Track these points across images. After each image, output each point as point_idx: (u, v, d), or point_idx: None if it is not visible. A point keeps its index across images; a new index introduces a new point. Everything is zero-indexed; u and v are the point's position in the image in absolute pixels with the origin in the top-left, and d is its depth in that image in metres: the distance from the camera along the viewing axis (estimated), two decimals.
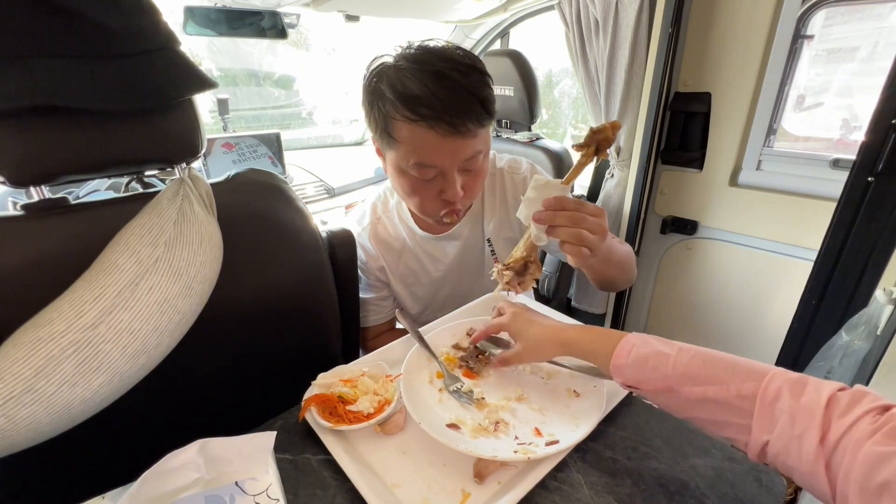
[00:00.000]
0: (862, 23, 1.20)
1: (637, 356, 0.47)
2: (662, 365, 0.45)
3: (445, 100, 0.63)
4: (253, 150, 1.55)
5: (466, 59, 0.67)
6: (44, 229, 0.51)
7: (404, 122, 0.66)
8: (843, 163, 1.11)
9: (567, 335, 0.56)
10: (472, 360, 0.64)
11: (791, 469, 0.37)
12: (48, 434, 0.45)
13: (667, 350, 0.46)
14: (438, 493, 0.47)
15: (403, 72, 0.65)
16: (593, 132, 0.54)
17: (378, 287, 0.91)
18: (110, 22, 0.48)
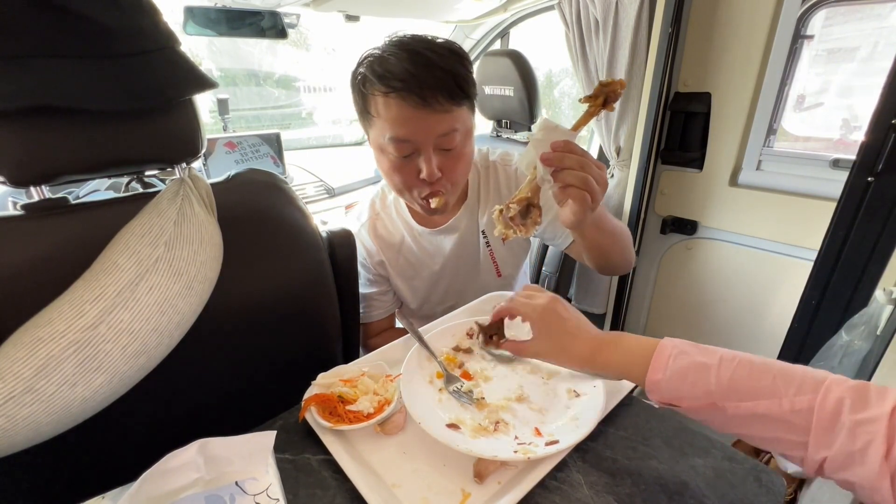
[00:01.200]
0: (862, 23, 1.20)
1: (675, 370, 0.42)
2: (703, 379, 0.40)
3: (417, 74, 0.66)
4: (255, 149, 1.55)
5: (445, 43, 0.70)
6: (44, 229, 0.51)
7: (379, 97, 0.69)
8: (843, 163, 1.11)
9: (599, 359, 0.51)
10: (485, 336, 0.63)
11: (852, 485, 0.35)
12: (48, 434, 0.45)
13: (706, 360, 0.41)
14: (438, 493, 0.47)
15: (384, 53, 0.70)
16: (602, 84, 0.55)
17: (378, 282, 0.92)
18: (110, 22, 0.48)
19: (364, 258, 0.90)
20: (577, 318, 0.55)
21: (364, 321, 0.92)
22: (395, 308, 0.96)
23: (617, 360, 0.49)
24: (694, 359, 0.42)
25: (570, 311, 0.55)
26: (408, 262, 0.91)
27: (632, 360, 0.47)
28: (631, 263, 0.84)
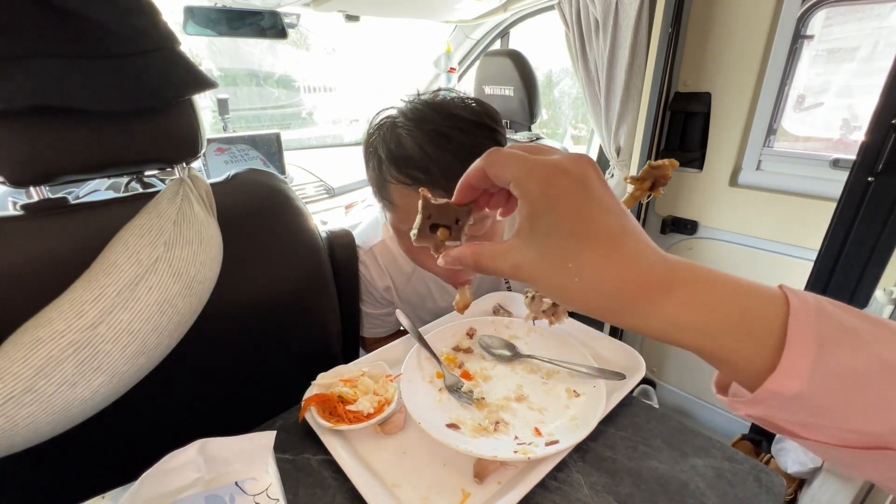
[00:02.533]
0: (862, 23, 1.20)
1: (835, 373, 0.20)
2: (875, 405, 0.20)
3: (442, 163, 0.58)
4: (245, 153, 1.55)
5: (472, 115, 0.61)
6: (44, 229, 0.51)
7: (398, 186, 0.61)
8: (843, 163, 1.11)
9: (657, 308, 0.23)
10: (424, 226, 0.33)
11: None
12: (48, 434, 0.45)
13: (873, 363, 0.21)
14: (438, 493, 0.47)
15: (400, 130, 0.61)
16: (651, 167, 0.45)
17: (382, 304, 0.87)
18: (110, 22, 0.48)
19: (369, 281, 0.83)
20: (620, 209, 0.25)
21: (366, 336, 0.89)
22: (396, 327, 0.91)
23: (697, 322, 0.22)
24: (878, 353, 0.21)
25: (606, 190, 0.25)
26: (416, 291, 0.86)
27: (731, 329, 0.22)
28: None
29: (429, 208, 0.31)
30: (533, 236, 0.25)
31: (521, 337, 0.68)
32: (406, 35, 2.50)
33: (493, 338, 0.67)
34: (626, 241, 0.24)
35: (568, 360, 0.61)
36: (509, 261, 0.26)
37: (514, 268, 0.26)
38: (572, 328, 0.71)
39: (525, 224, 0.25)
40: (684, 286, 0.23)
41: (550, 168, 0.25)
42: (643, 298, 0.23)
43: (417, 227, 0.32)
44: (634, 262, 0.23)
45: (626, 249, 0.23)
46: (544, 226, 0.24)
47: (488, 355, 0.65)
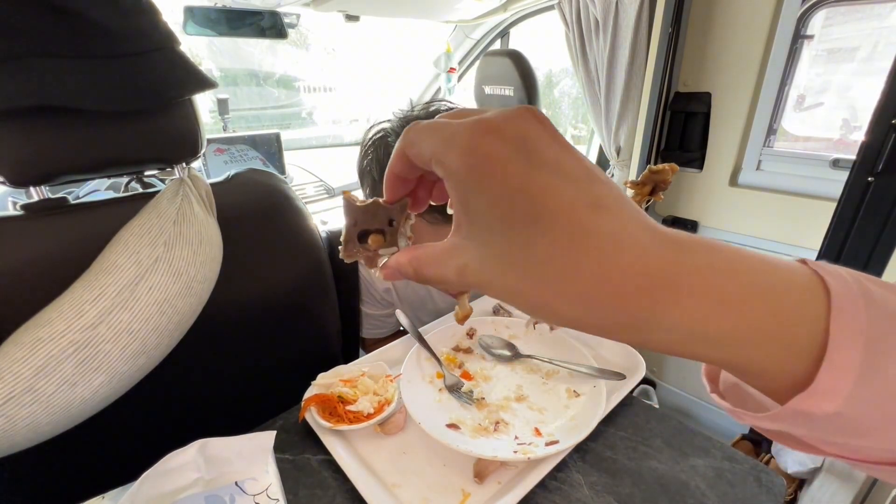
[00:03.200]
0: (862, 23, 1.20)
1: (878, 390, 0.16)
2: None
3: None
4: (244, 153, 1.55)
5: None
6: (44, 229, 0.51)
7: None
8: (843, 163, 1.11)
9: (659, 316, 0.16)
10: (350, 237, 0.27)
11: None
12: (48, 434, 0.45)
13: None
14: (438, 493, 0.47)
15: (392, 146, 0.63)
16: (652, 172, 0.45)
17: (382, 305, 0.88)
18: (110, 22, 0.48)
19: (369, 282, 0.85)
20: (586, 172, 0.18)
21: (366, 337, 0.90)
22: (396, 328, 0.91)
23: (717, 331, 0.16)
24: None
25: (562, 148, 0.18)
26: (416, 294, 0.87)
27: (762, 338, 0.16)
28: None
29: (353, 213, 0.25)
30: (472, 226, 0.19)
31: (521, 337, 0.68)
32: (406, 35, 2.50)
33: (493, 338, 0.67)
34: (600, 219, 0.16)
35: (568, 361, 0.61)
36: (453, 264, 0.20)
37: (460, 272, 0.20)
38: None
39: (459, 212, 0.19)
40: (697, 279, 0.16)
41: (474, 130, 0.18)
42: (639, 304, 0.16)
43: (343, 238, 0.26)
44: (618, 249, 0.16)
45: (603, 232, 0.16)
46: (480, 211, 0.18)
47: (488, 355, 0.65)
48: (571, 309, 0.17)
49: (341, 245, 0.26)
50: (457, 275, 0.20)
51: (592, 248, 0.16)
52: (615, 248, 0.16)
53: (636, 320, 0.16)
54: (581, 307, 0.17)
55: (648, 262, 0.16)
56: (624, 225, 0.16)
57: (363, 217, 0.25)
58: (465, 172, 0.18)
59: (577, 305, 0.17)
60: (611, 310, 0.16)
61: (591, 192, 0.17)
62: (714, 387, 0.23)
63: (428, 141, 0.19)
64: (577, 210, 0.16)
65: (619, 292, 0.16)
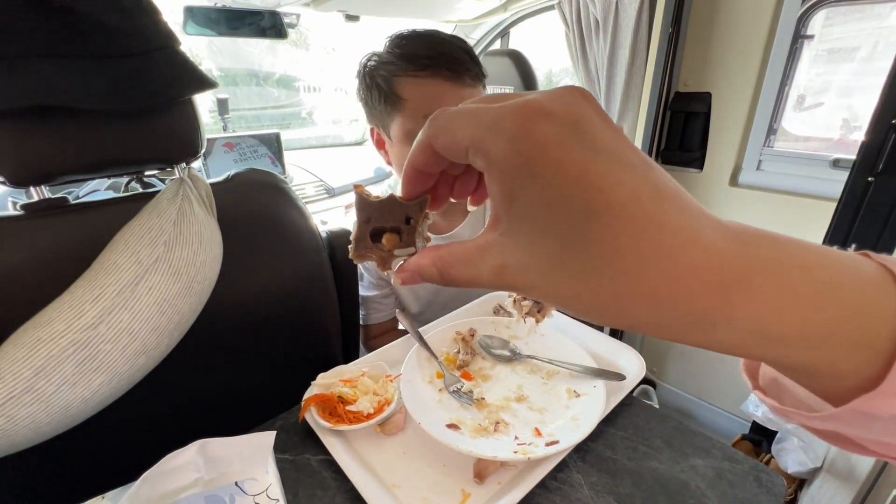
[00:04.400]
0: (862, 23, 1.20)
1: None
2: None
3: (444, 52, 0.69)
4: (253, 150, 1.56)
5: (447, 33, 0.74)
6: (44, 229, 0.51)
7: (409, 78, 0.70)
8: (843, 163, 1.11)
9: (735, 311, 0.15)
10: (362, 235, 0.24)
11: None
12: (48, 434, 0.45)
13: None
14: (438, 493, 0.47)
15: (397, 42, 0.72)
16: None
17: (380, 285, 0.92)
18: (110, 22, 0.48)
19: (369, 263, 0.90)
20: (641, 159, 0.16)
21: (365, 323, 0.92)
22: (395, 312, 0.95)
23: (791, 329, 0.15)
24: None
25: (615, 133, 0.16)
26: None
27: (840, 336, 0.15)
28: None
29: (366, 209, 0.23)
30: (515, 222, 0.17)
31: (522, 337, 0.68)
32: None
33: (493, 338, 0.67)
34: (666, 211, 0.15)
35: (568, 361, 0.61)
36: (488, 264, 0.18)
37: (498, 273, 0.18)
38: (572, 328, 0.71)
39: (501, 207, 0.17)
40: (767, 275, 0.15)
41: (522, 113, 0.16)
42: (710, 302, 0.14)
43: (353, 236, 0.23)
44: (688, 244, 0.14)
45: (671, 225, 0.15)
46: (528, 204, 0.16)
47: (488, 355, 0.65)
48: (636, 310, 0.15)
49: (351, 244, 0.24)
50: (494, 276, 0.18)
51: (662, 243, 0.14)
52: (685, 243, 0.15)
53: (705, 319, 0.15)
54: (646, 308, 0.15)
55: (718, 256, 0.15)
56: (691, 217, 0.15)
57: (377, 214, 0.23)
58: (514, 161, 0.16)
59: (643, 306, 0.15)
60: (680, 309, 0.15)
61: (651, 180, 0.15)
62: (755, 383, 0.23)
63: (465, 128, 0.17)
64: (642, 201, 0.15)
65: (690, 290, 0.14)
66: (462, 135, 0.17)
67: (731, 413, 1.43)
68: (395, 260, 0.23)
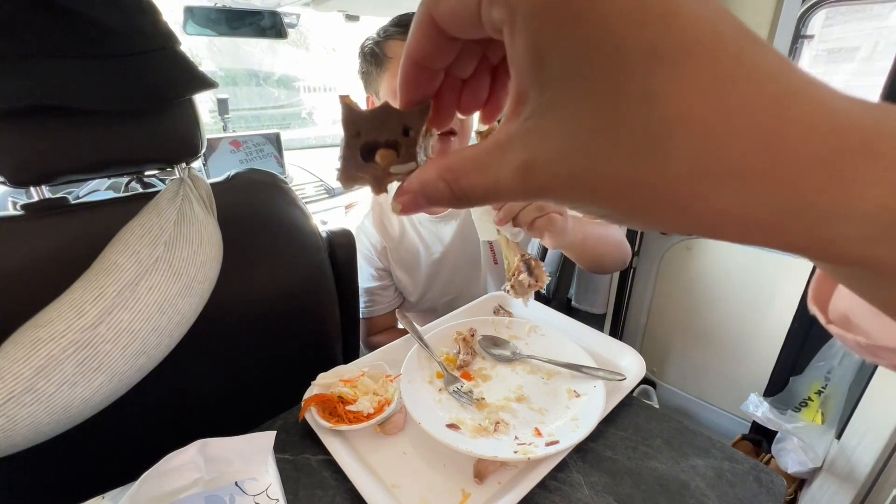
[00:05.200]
0: (862, 23, 1.20)
1: None
2: None
3: None
4: (259, 148, 1.56)
5: None
6: (44, 229, 0.51)
7: (397, 40, 0.75)
8: None
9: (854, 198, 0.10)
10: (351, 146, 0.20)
11: None
12: (48, 434, 0.45)
13: None
14: (438, 493, 0.47)
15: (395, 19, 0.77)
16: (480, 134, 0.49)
17: (381, 276, 0.93)
18: (110, 22, 0.48)
19: (368, 250, 0.92)
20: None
21: (366, 316, 0.93)
22: (396, 304, 0.97)
23: None
24: None
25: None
26: (409, 251, 0.93)
27: None
28: (625, 261, 0.85)
29: (356, 121, 0.19)
30: (547, 91, 0.13)
31: (522, 337, 0.68)
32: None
33: (494, 338, 0.67)
34: (760, 54, 0.11)
35: (568, 361, 0.61)
36: (511, 162, 0.14)
37: (524, 172, 0.13)
38: (572, 328, 0.71)
39: (528, 74, 0.13)
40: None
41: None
42: (820, 177, 0.10)
43: (341, 153, 0.19)
44: (791, 97, 0.11)
45: (765, 70, 0.11)
46: (567, 59, 0.12)
47: (488, 355, 0.65)
48: (716, 195, 0.11)
49: (338, 167, 0.19)
50: (520, 177, 0.13)
51: (758, 95, 0.10)
52: (788, 95, 0.10)
53: (814, 205, 0.10)
54: (731, 190, 0.11)
55: (835, 114, 0.10)
56: (787, 63, 0.11)
57: (368, 126, 0.19)
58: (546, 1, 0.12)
59: (726, 187, 0.11)
60: (780, 189, 0.11)
61: (731, 16, 0.12)
62: (826, 317, 0.19)
63: None
64: (726, 39, 0.11)
65: (796, 159, 0.10)
66: None
67: (731, 413, 1.43)
68: (392, 180, 0.19)
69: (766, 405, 1.19)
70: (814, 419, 1.15)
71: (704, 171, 0.11)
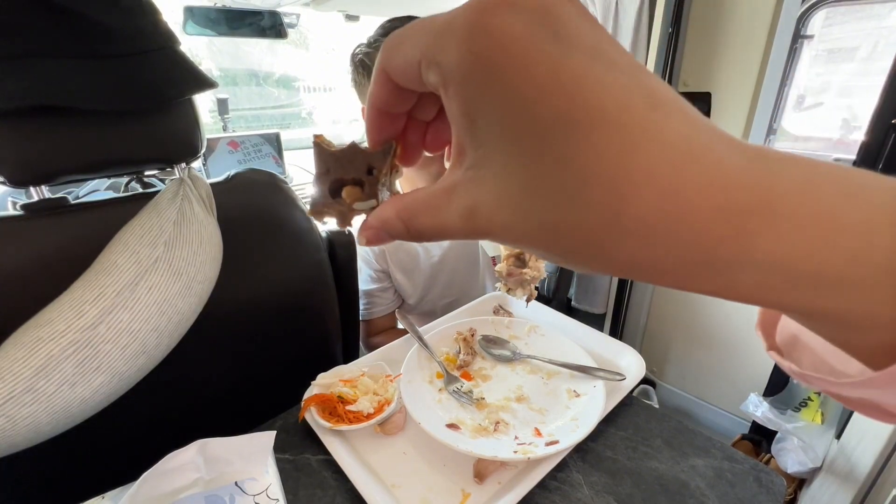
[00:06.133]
0: (862, 23, 1.20)
1: None
2: None
3: None
4: (258, 149, 1.56)
5: None
6: (44, 229, 0.51)
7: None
8: (842, 162, 1.11)
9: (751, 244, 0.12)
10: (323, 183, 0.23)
11: None
12: (48, 434, 0.45)
13: None
14: (438, 493, 0.47)
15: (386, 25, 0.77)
16: None
17: (380, 278, 0.93)
18: (110, 22, 0.48)
19: (366, 252, 0.92)
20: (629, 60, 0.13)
21: (365, 318, 0.93)
22: (396, 305, 0.97)
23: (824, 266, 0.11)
24: None
25: (595, 26, 0.13)
26: (407, 253, 0.93)
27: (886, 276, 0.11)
28: None
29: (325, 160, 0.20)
30: (480, 148, 0.14)
31: (522, 337, 0.68)
32: None
33: (494, 338, 0.67)
34: (664, 121, 0.12)
35: (568, 361, 0.61)
36: (456, 207, 0.15)
37: (468, 216, 0.15)
38: (572, 328, 0.71)
39: (463, 132, 0.14)
40: (800, 198, 0.11)
41: (477, 6, 0.13)
42: (720, 232, 0.11)
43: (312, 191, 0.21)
44: (692, 158, 0.12)
45: (669, 136, 0.12)
46: (492, 121, 0.13)
47: (488, 355, 0.65)
48: (627, 246, 0.12)
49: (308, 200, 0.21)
50: (464, 221, 0.15)
51: (659, 157, 0.12)
52: (690, 157, 0.12)
53: (717, 256, 0.12)
54: (640, 242, 0.12)
55: (734, 174, 0.11)
56: (696, 129, 0.12)
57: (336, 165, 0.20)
58: (470, 65, 0.13)
59: (636, 240, 0.12)
60: (683, 242, 0.12)
61: (644, 84, 0.12)
62: (771, 342, 0.20)
63: (415, 40, 0.14)
64: (633, 109, 0.12)
65: (696, 216, 0.11)
66: (413, 48, 0.14)
67: (731, 413, 1.43)
68: (356, 216, 0.21)
69: (765, 405, 1.19)
70: (813, 419, 1.15)
71: (614, 225, 0.12)
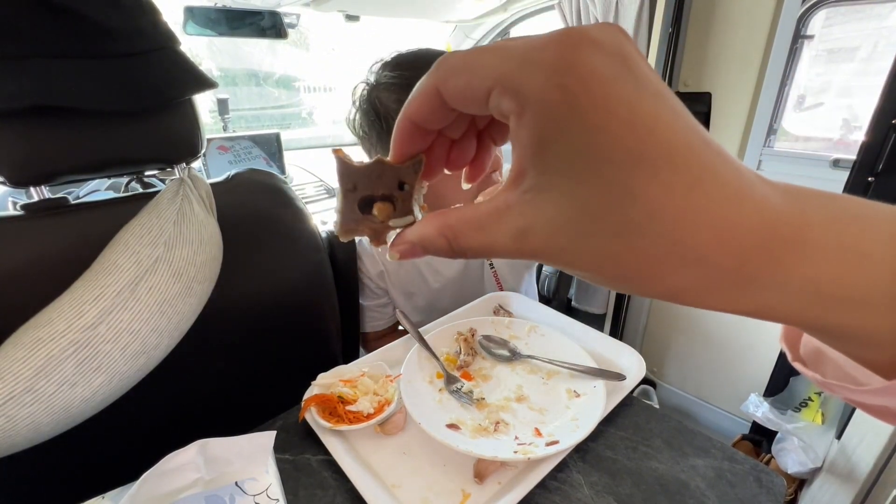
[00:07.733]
0: (862, 23, 1.20)
1: None
2: None
3: None
4: (248, 151, 1.55)
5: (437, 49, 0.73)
6: (44, 229, 0.51)
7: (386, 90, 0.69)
8: (843, 163, 1.11)
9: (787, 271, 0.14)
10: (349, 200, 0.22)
11: None
12: (48, 434, 0.45)
13: None
14: (438, 493, 0.47)
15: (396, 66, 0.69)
16: None
17: (377, 294, 0.89)
18: (110, 22, 0.48)
19: (367, 268, 0.87)
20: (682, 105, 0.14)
21: (362, 330, 0.91)
22: (394, 319, 0.93)
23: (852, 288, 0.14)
24: None
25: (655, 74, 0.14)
26: (408, 276, 0.88)
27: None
28: None
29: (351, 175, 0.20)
30: (546, 174, 0.15)
31: (522, 337, 0.68)
32: (406, 35, 2.50)
33: (494, 338, 0.67)
34: (719, 162, 0.13)
35: (568, 361, 0.61)
36: (508, 228, 0.16)
37: (519, 237, 0.15)
38: (572, 328, 0.71)
39: (530, 157, 0.15)
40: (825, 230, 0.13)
41: (566, 41, 0.14)
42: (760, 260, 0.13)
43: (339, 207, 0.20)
44: (741, 198, 0.13)
45: (724, 178, 0.13)
46: (567, 150, 0.14)
47: (488, 355, 0.65)
48: (679, 274, 0.14)
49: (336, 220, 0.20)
50: (514, 241, 0.16)
51: (717, 197, 0.13)
52: (740, 197, 0.13)
53: (754, 280, 0.14)
54: (691, 270, 0.14)
55: (773, 211, 0.13)
56: (740, 170, 0.14)
57: (364, 181, 0.20)
58: (555, 97, 0.13)
59: (688, 268, 0.14)
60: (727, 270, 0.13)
61: (698, 128, 0.14)
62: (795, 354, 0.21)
63: (488, 65, 0.15)
64: (696, 149, 0.13)
65: (742, 248, 0.13)
66: (484, 73, 0.15)
67: (731, 413, 1.43)
68: (390, 233, 0.20)
69: (766, 405, 1.19)
70: (814, 419, 1.15)
71: (672, 255, 0.14)
